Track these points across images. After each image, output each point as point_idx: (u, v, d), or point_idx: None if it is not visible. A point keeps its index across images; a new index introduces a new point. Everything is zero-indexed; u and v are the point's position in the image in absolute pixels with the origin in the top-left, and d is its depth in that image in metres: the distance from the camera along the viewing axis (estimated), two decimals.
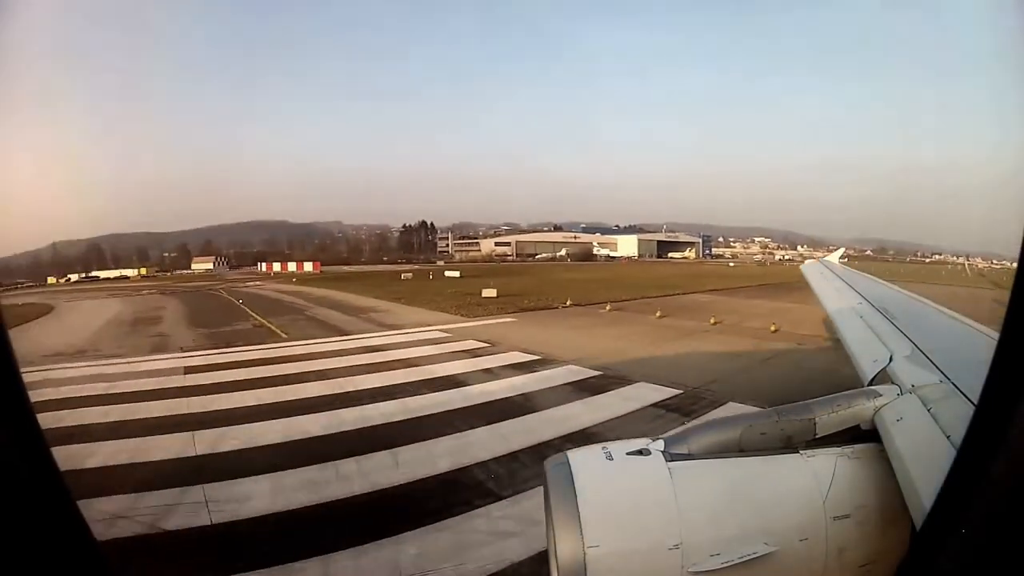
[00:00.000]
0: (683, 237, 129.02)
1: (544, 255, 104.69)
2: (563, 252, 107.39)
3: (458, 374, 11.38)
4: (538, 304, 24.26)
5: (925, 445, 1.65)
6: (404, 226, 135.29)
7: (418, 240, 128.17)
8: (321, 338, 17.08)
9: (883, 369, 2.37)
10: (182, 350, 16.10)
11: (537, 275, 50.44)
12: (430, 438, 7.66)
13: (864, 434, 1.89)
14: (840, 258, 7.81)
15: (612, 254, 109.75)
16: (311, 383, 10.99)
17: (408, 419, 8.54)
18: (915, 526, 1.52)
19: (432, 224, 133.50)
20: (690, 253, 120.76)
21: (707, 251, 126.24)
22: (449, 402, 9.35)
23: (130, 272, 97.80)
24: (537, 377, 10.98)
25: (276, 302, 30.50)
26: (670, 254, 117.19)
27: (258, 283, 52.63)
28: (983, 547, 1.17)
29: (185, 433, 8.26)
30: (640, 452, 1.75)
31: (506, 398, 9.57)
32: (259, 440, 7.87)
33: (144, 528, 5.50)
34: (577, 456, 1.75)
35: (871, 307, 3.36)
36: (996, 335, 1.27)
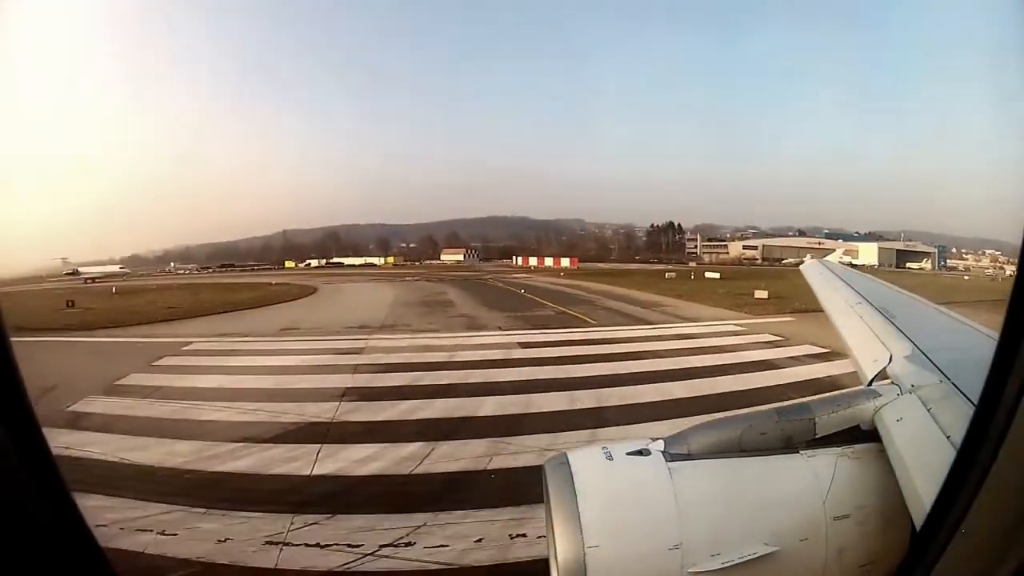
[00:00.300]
0: (920, 247, 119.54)
1: (790, 260, 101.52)
2: (809, 258, 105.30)
3: (770, 359, 12.86)
4: (809, 307, 25.33)
5: (925, 445, 1.65)
6: (652, 226, 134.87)
7: (666, 240, 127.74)
8: (629, 325, 18.54)
9: (883, 369, 2.36)
10: (500, 329, 17.90)
11: (790, 279, 49.59)
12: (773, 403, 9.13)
13: (864, 434, 1.88)
14: (840, 258, 7.92)
15: (854, 262, 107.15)
16: (648, 360, 12.60)
17: (747, 389, 9.96)
18: (915, 526, 1.52)
19: (680, 225, 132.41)
20: (926, 264, 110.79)
21: (942, 262, 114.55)
22: (773, 379, 10.91)
23: (376, 260, 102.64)
24: (834, 365, 11.94)
25: (560, 293, 31.83)
26: (907, 264, 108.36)
27: (524, 275, 54.45)
28: (983, 547, 1.17)
29: (562, 392, 9.62)
30: (640, 452, 1.75)
31: (817, 378, 10.84)
32: (639, 399, 9.30)
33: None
34: (577, 456, 1.75)
35: (871, 307, 3.35)
36: (996, 335, 1.27)
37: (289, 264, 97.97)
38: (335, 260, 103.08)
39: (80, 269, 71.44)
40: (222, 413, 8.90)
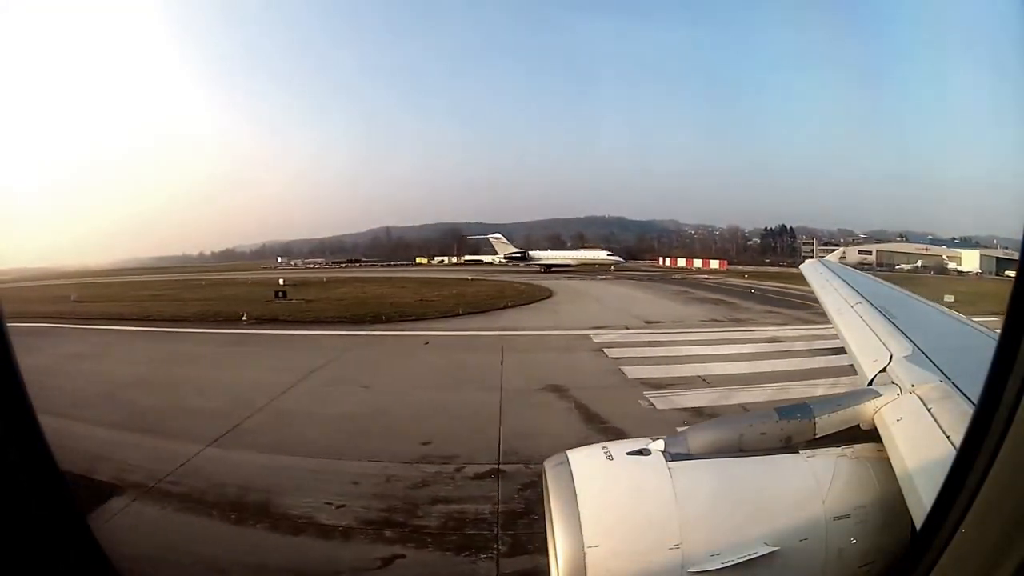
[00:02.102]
0: (1014, 254, 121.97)
1: (903, 266, 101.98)
2: (920, 263, 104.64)
3: None
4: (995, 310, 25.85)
5: (925, 445, 1.65)
6: (765, 229, 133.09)
7: (780, 244, 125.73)
8: None
9: (883, 369, 2.37)
10: (801, 322, 18.75)
11: (926, 286, 47.59)
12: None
13: (864, 434, 1.89)
14: (840, 258, 7.88)
15: (961, 269, 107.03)
16: None
17: None
18: (915, 526, 1.52)
19: (792, 228, 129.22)
20: None
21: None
22: None
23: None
24: None
25: (781, 293, 30.36)
26: (1007, 272, 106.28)
27: (706, 277, 52.61)
28: (983, 547, 1.17)
29: None
30: (640, 452, 1.75)
31: None
32: None
33: None
34: (577, 456, 1.75)
35: (871, 307, 3.35)
36: (996, 335, 1.27)
37: (421, 260, 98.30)
38: (474, 257, 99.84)
39: (531, 252, 67.05)
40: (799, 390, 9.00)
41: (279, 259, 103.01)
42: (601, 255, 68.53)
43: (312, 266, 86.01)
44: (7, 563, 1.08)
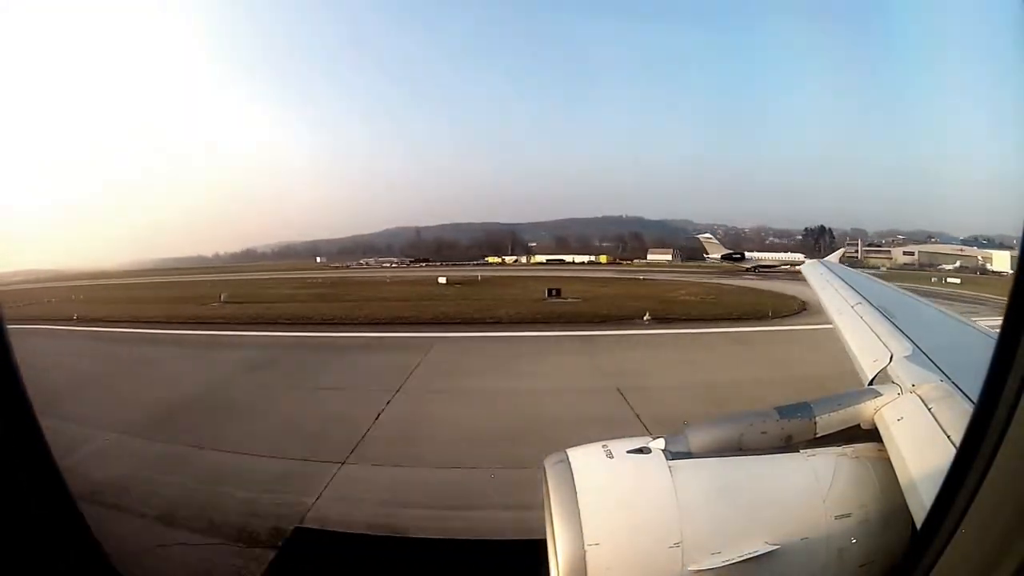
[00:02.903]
0: None
1: (946, 266, 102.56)
2: (958, 264, 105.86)
3: None
4: None
5: (925, 445, 1.65)
6: (805, 230, 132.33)
7: (821, 244, 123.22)
8: None
9: (883, 369, 2.37)
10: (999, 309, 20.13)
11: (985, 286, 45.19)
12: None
13: (864, 434, 1.88)
14: (840, 258, 7.90)
15: (994, 269, 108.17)
16: None
17: None
18: (915, 526, 1.52)
19: (831, 229, 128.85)
20: None
21: None
22: None
23: (587, 258, 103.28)
24: None
25: (936, 292, 30.87)
26: None
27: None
28: (983, 547, 1.17)
29: None
30: (640, 451, 1.74)
31: None
32: None
33: None
34: (577, 454, 1.75)
35: (871, 307, 3.36)
36: (996, 335, 1.27)
37: (493, 259, 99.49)
38: (555, 257, 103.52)
39: (747, 254, 67.35)
40: None
41: (318, 258, 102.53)
42: (799, 257, 69.74)
43: (389, 266, 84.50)
44: (7, 563, 1.08)
